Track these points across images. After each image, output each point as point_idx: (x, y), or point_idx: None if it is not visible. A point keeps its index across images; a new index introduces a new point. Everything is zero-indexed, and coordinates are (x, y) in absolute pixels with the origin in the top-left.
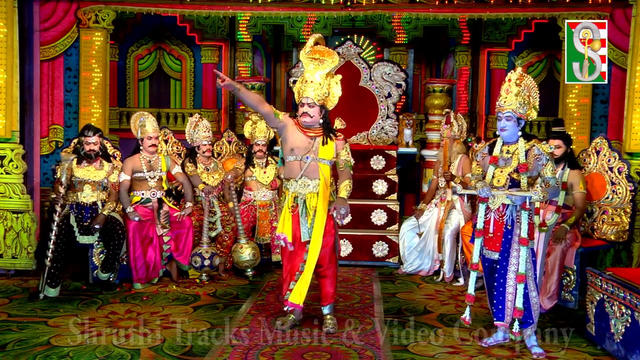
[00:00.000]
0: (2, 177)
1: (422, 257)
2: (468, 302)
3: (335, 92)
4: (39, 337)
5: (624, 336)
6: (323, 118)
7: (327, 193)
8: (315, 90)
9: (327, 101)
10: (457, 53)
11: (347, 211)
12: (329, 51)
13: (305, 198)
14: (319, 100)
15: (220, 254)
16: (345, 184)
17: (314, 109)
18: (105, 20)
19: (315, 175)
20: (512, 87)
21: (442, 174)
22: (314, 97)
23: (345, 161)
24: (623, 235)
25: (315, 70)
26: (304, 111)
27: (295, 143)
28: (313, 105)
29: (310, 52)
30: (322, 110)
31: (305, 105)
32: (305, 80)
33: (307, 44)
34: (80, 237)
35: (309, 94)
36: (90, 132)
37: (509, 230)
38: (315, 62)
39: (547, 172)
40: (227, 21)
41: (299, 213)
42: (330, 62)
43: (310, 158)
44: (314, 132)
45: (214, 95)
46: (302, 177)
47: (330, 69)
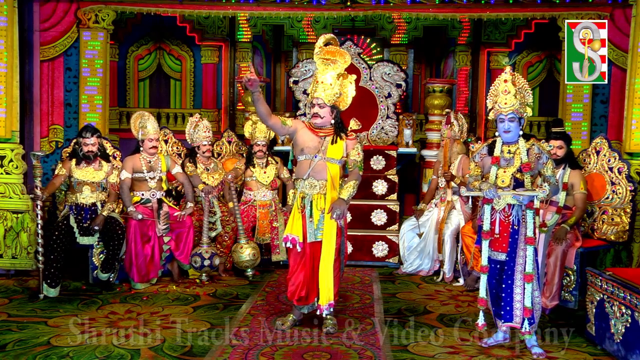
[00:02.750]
0: (2, 177)
1: (422, 257)
2: (481, 306)
3: (349, 92)
4: (39, 337)
5: (624, 336)
6: (335, 118)
7: (334, 194)
8: (325, 91)
9: (340, 102)
10: (457, 53)
11: (342, 213)
12: (340, 51)
13: (312, 199)
14: (330, 100)
15: (220, 254)
16: (350, 184)
17: (325, 110)
18: (105, 20)
19: (322, 176)
20: (509, 87)
21: (442, 174)
22: (325, 97)
23: (354, 161)
24: (623, 236)
25: (327, 71)
26: (315, 112)
27: (306, 143)
28: (324, 106)
29: (320, 52)
30: (333, 111)
31: (316, 106)
32: (317, 80)
33: (317, 44)
34: (80, 238)
35: (319, 95)
36: (88, 133)
37: (516, 231)
38: (326, 63)
39: (548, 171)
40: (227, 21)
41: (306, 214)
42: (342, 62)
43: (318, 157)
44: (324, 131)
45: (214, 95)
46: (309, 176)
47: (341, 70)
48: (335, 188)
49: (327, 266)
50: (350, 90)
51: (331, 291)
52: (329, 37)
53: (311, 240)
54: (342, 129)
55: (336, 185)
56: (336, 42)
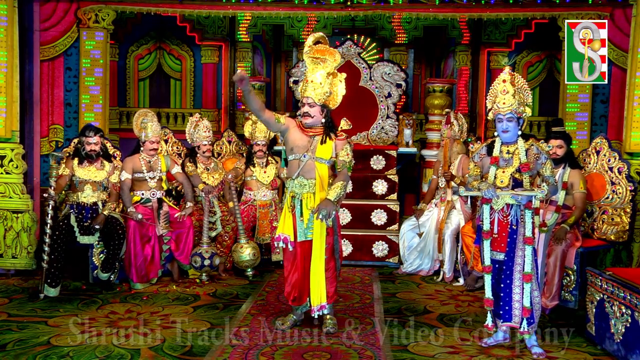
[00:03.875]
0: (2, 177)
1: (422, 257)
2: (487, 307)
3: (339, 91)
4: (39, 337)
5: (624, 336)
6: (325, 117)
7: (323, 194)
8: (315, 90)
9: (330, 100)
10: (457, 53)
11: (328, 213)
12: (330, 50)
13: (302, 198)
14: (320, 99)
15: (220, 254)
16: (337, 185)
17: (315, 109)
18: (105, 20)
19: (311, 175)
20: (508, 87)
21: (442, 174)
22: (314, 97)
23: (343, 162)
24: (623, 235)
25: (316, 70)
26: (305, 111)
27: (296, 142)
28: (314, 105)
29: (309, 51)
30: (323, 110)
31: (306, 105)
32: (307, 80)
33: (307, 43)
34: (81, 237)
35: (309, 94)
36: (91, 133)
37: (514, 230)
38: (316, 62)
39: (547, 171)
40: (227, 21)
41: (296, 213)
42: (332, 61)
43: (307, 157)
44: (314, 131)
45: (214, 95)
46: (298, 176)
47: (331, 69)
48: (324, 188)
49: (318, 266)
50: (340, 89)
51: (323, 292)
52: (319, 35)
53: (301, 240)
54: (332, 128)
55: (325, 185)
56: (325, 41)
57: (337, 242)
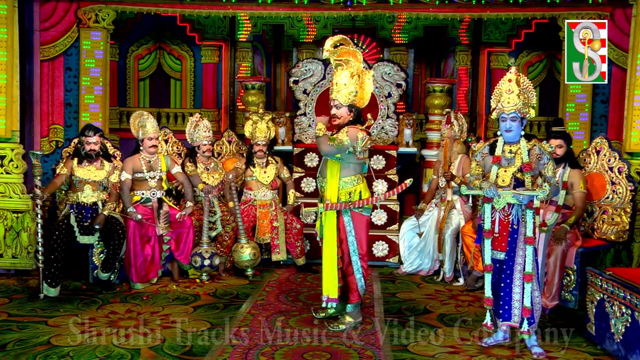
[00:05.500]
0: (2, 177)
1: (422, 257)
2: (487, 306)
3: (367, 88)
4: (39, 337)
5: (624, 336)
6: (354, 116)
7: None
8: (340, 92)
9: (357, 100)
10: (457, 53)
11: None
12: (351, 51)
13: (323, 196)
14: (346, 100)
15: (220, 254)
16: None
17: (342, 110)
18: (105, 20)
19: (326, 173)
20: (513, 87)
21: (443, 173)
22: (340, 98)
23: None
24: (623, 235)
25: (341, 72)
26: (332, 113)
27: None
28: (340, 107)
29: (330, 53)
30: (351, 110)
31: (333, 107)
32: (332, 82)
33: (325, 47)
34: (81, 237)
35: (335, 96)
36: (90, 132)
37: (515, 230)
38: (339, 64)
39: (548, 171)
40: (227, 21)
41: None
42: (355, 61)
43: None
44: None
45: (214, 95)
46: (319, 175)
47: (355, 69)
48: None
49: (328, 259)
50: (368, 87)
51: (332, 285)
52: (339, 38)
53: (320, 236)
54: (356, 123)
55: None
56: (348, 42)
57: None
